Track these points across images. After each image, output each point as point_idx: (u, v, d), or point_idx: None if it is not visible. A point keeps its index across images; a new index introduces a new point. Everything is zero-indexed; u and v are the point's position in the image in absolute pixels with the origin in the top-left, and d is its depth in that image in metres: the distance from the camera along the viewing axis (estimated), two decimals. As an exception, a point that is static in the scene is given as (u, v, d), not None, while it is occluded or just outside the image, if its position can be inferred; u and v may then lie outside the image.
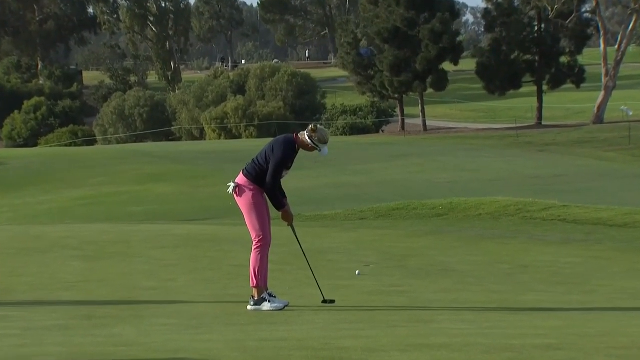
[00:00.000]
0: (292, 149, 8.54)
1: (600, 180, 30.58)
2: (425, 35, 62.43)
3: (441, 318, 8.12)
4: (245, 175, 8.59)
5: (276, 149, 8.49)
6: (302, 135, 8.60)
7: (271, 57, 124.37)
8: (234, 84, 76.95)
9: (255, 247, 8.58)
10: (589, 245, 14.10)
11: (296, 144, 8.58)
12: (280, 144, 8.52)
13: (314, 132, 8.57)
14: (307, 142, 8.56)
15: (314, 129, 8.59)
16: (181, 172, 37.88)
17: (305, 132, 8.62)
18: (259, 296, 8.50)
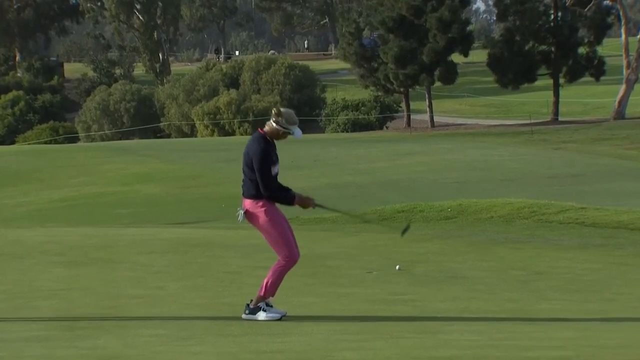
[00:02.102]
0: (265, 143, 8.55)
1: (621, 180, 30.60)
2: (433, 24, 62.45)
3: (450, 329, 8.14)
4: (248, 197, 8.63)
5: (251, 152, 8.52)
6: (268, 124, 8.60)
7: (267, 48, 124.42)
8: (226, 76, 76.98)
9: (281, 263, 8.67)
10: (609, 250, 14.12)
11: (266, 136, 8.58)
12: (252, 144, 8.54)
13: (279, 116, 8.57)
14: (275, 128, 8.54)
15: (277, 112, 8.60)
16: (170, 171, 37.91)
17: (271, 119, 8.62)
18: (255, 304, 8.56)
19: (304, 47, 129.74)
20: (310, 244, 14.40)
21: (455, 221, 18.40)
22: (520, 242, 15.15)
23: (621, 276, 11.54)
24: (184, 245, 13.84)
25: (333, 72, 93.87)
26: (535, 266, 12.31)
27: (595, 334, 7.79)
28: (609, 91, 67.46)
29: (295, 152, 43.96)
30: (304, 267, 12.04)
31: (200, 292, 9.55)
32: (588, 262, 12.70)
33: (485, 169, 35.32)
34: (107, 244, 13.85)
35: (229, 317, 8.65)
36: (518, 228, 17.25)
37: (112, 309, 8.99)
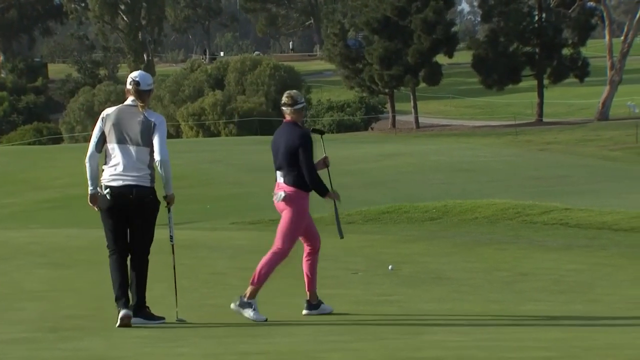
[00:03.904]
0: (304, 130, 8.94)
1: (605, 181, 30.71)
2: (418, 25, 62.54)
3: (435, 329, 8.14)
4: (291, 185, 8.85)
5: (294, 142, 8.79)
6: (290, 113, 8.90)
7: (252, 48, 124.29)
8: (211, 77, 76.88)
9: (274, 252, 8.89)
10: (593, 251, 14.16)
11: (300, 126, 8.93)
12: (291, 134, 8.81)
13: (290, 98, 8.97)
14: (299, 111, 8.93)
15: (291, 95, 8.97)
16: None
17: (287, 108, 8.92)
18: (248, 298, 8.62)
19: (289, 48, 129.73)
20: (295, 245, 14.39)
21: (440, 222, 18.42)
22: (505, 243, 15.18)
23: (606, 277, 11.57)
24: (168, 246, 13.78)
25: (318, 73, 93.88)
26: (520, 267, 12.33)
27: (580, 335, 7.81)
28: (593, 92, 67.69)
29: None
30: (289, 268, 12.03)
31: (185, 294, 9.54)
32: (573, 263, 12.73)
33: (470, 169, 35.39)
34: (91, 246, 13.81)
35: (214, 318, 8.64)
36: (502, 229, 17.28)
37: (96, 310, 8.96)
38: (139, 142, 8.07)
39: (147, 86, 8.19)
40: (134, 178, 8.04)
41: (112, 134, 8.11)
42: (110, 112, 8.24)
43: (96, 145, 8.18)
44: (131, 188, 8.02)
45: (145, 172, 8.08)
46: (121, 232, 8.16)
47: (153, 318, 8.14)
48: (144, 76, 8.25)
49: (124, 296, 8.12)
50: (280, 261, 8.90)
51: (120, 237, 8.18)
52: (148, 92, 8.22)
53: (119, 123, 8.11)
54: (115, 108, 8.28)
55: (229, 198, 29.23)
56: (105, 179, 8.13)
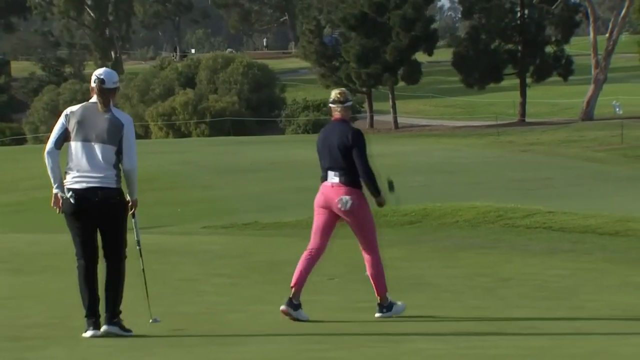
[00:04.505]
0: (360, 130, 9.25)
1: (590, 183, 30.87)
2: (396, 21, 62.66)
3: (414, 338, 8.15)
4: (350, 184, 9.02)
5: (348, 140, 8.96)
6: (340, 110, 9.10)
7: (224, 46, 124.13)
8: (182, 75, 76.70)
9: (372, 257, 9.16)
10: (577, 256, 14.22)
11: (350, 123, 9.19)
12: (344, 133, 8.99)
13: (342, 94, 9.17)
14: (348, 110, 9.17)
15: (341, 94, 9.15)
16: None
17: (338, 105, 9.13)
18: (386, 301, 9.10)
19: (263, 45, 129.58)
20: (270, 250, 14.38)
21: (419, 226, 18.45)
22: (487, 247, 15.22)
23: (590, 283, 11.62)
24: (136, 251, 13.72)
25: (293, 71, 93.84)
26: (502, 272, 12.36)
27: (564, 343, 7.84)
28: (577, 91, 68.03)
29: (254, 155, 43.88)
30: (263, 273, 12.02)
31: (154, 301, 9.50)
32: (556, 268, 12.78)
33: (451, 171, 35.48)
34: (56, 251, 13.73)
35: (185, 326, 8.61)
36: (484, 233, 17.32)
37: (61, 318, 8.91)
38: (104, 140, 7.99)
39: (112, 84, 8.14)
40: (98, 179, 7.97)
41: (77, 131, 8.04)
42: (75, 109, 8.18)
43: (56, 142, 8.09)
44: (96, 190, 7.95)
45: (110, 173, 8.01)
46: (89, 237, 8.08)
47: (126, 330, 8.08)
48: (109, 73, 8.20)
49: (94, 315, 8.01)
50: (381, 265, 9.14)
51: (88, 243, 8.09)
52: (114, 90, 8.17)
53: (84, 120, 8.05)
54: (80, 105, 8.22)
55: (200, 201, 29.16)
56: (68, 181, 8.05)
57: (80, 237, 8.08)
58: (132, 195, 8.18)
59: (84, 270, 8.09)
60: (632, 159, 41.00)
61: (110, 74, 8.21)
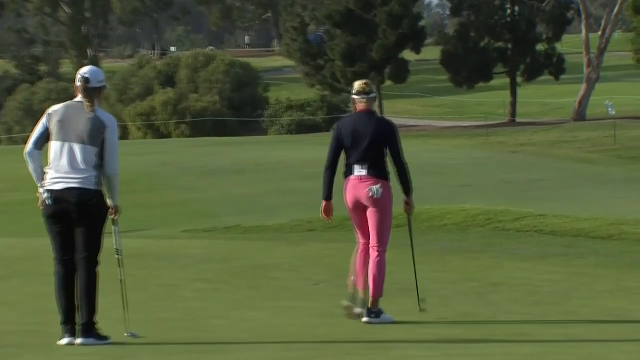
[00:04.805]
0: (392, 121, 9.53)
1: (582, 185, 30.97)
2: (383, 19, 62.75)
3: (402, 345, 8.17)
4: (380, 176, 9.22)
5: (383, 132, 9.17)
6: (366, 103, 9.28)
7: (205, 43, 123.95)
8: (161, 74, 76.60)
9: (379, 255, 9.23)
10: (569, 260, 14.27)
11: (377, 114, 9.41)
12: (379, 125, 9.18)
13: (367, 85, 9.38)
14: (373, 101, 9.40)
15: (366, 84, 9.35)
16: (100, 177, 37.54)
17: (362, 97, 9.30)
18: (377, 307, 9.08)
19: (245, 43, 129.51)
20: (252, 255, 14.38)
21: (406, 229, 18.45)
22: (476, 251, 15.25)
23: (583, 288, 11.67)
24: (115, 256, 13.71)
25: (276, 70, 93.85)
26: (492, 277, 12.40)
27: (555, 350, 7.87)
28: (569, 91, 68.24)
29: (236, 156, 43.85)
30: (245, 279, 12.02)
31: (133, 307, 9.49)
32: (548, 272, 12.82)
33: (439, 173, 35.54)
34: (31, 256, 13.71)
35: (165, 334, 8.61)
36: (473, 237, 17.36)
37: (38, 326, 8.89)
38: (84, 141, 7.98)
39: (97, 83, 8.12)
40: (77, 180, 7.95)
41: (58, 131, 8.02)
42: (57, 108, 8.16)
43: (36, 142, 8.08)
44: (73, 191, 7.94)
45: (90, 174, 7.99)
46: (68, 240, 8.06)
47: (102, 338, 8.06)
48: (94, 72, 8.18)
49: (70, 322, 7.99)
50: (385, 267, 9.27)
51: (67, 247, 8.07)
52: (99, 90, 8.15)
53: (66, 120, 8.03)
54: (63, 104, 8.20)
55: (181, 204, 29.13)
56: (47, 182, 8.04)
57: (59, 241, 8.07)
58: (114, 201, 8.16)
59: (62, 275, 8.07)
60: (625, 160, 41.16)
61: (96, 73, 8.19)
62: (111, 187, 8.07)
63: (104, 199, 8.07)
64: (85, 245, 8.02)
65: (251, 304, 10.17)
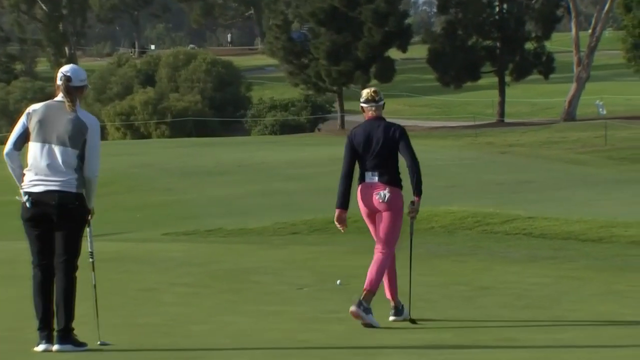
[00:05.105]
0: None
1: (572, 187, 31.04)
2: (368, 16, 62.79)
3: (388, 351, 8.17)
4: (391, 183, 9.42)
5: (395, 135, 9.43)
6: (375, 110, 9.52)
7: (186, 41, 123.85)
8: (141, 73, 76.54)
9: (384, 256, 9.39)
10: (559, 263, 14.31)
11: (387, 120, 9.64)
12: (388, 128, 9.44)
13: (376, 93, 9.63)
14: (382, 108, 9.66)
15: (375, 92, 9.61)
16: (78, 178, 37.45)
17: (371, 105, 9.54)
18: (368, 302, 9.19)
19: (227, 41, 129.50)
20: (233, 258, 14.38)
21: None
22: (464, 254, 15.28)
23: (573, 291, 11.70)
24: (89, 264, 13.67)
25: (259, 69, 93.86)
26: (480, 281, 12.42)
27: (545, 355, 7.88)
28: (559, 90, 68.45)
29: (218, 157, 43.83)
30: (227, 283, 12.01)
31: (112, 312, 9.47)
32: (537, 276, 12.86)
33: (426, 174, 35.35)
34: (8, 259, 13.67)
35: (145, 339, 8.59)
36: (461, 239, 17.39)
37: (14, 331, 8.86)
38: (65, 143, 7.94)
39: (79, 82, 8.08)
40: (57, 183, 7.92)
41: (37, 131, 7.99)
42: (37, 108, 8.12)
43: (15, 142, 8.05)
44: (53, 194, 7.91)
45: (70, 177, 7.96)
46: (47, 244, 8.02)
47: (80, 344, 8.03)
48: (76, 70, 8.14)
49: (47, 328, 7.96)
50: (389, 264, 9.45)
51: (46, 251, 8.02)
52: (81, 89, 8.10)
53: (46, 120, 7.99)
54: (43, 103, 8.15)
55: (161, 206, 29.09)
56: (26, 184, 8.01)
57: (38, 245, 8.03)
58: (89, 204, 8.13)
59: (40, 280, 8.04)
60: (616, 161, 41.29)
61: (77, 71, 8.15)
62: (89, 189, 8.04)
63: (85, 202, 8.04)
64: (64, 249, 7.98)
65: (233, 309, 10.16)
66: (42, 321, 7.97)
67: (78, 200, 7.98)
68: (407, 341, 8.64)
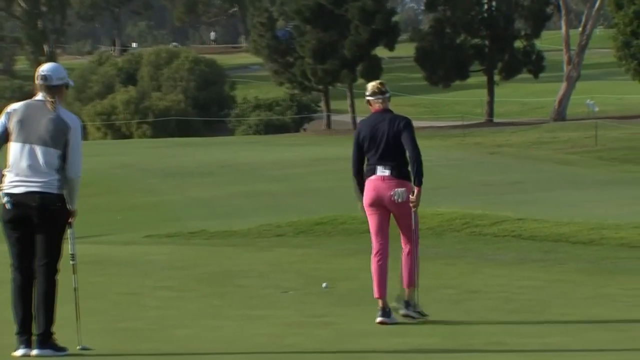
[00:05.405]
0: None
1: (562, 188, 31.12)
2: (355, 14, 62.82)
3: (375, 355, 8.19)
4: (402, 176, 9.64)
5: (401, 127, 9.65)
6: (383, 102, 9.81)
7: (168, 39, 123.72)
8: (122, 72, 76.42)
9: (411, 250, 9.74)
10: (549, 266, 14.35)
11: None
12: (395, 120, 9.68)
13: (383, 85, 9.92)
14: (388, 100, 9.90)
15: (381, 85, 9.89)
16: (58, 179, 37.38)
17: (378, 97, 9.82)
18: (413, 299, 9.63)
19: (211, 39, 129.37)
20: (217, 261, 14.37)
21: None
22: (452, 257, 15.30)
23: (563, 295, 11.73)
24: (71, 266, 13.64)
25: (243, 67, 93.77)
26: (469, 284, 12.45)
27: (535, 359, 7.90)
28: (549, 90, 68.60)
29: (201, 157, 43.79)
30: (211, 286, 12.01)
31: (93, 317, 9.47)
32: (526, 279, 12.89)
33: (413, 175, 35.57)
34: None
35: (126, 344, 8.59)
36: (449, 242, 17.41)
37: (-9, 336, 8.85)
38: (46, 143, 7.92)
39: (57, 80, 8.06)
40: (38, 184, 7.91)
41: (17, 131, 7.97)
42: (17, 107, 8.10)
43: None
44: (34, 195, 7.89)
45: (52, 178, 7.94)
46: (27, 247, 8.00)
47: (60, 349, 8.02)
48: (54, 69, 8.12)
49: (26, 332, 7.94)
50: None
51: (25, 253, 8.00)
52: (59, 87, 8.09)
53: (27, 120, 7.98)
54: (23, 103, 8.14)
55: (143, 207, 29.05)
56: (6, 185, 7.99)
57: (18, 248, 8.01)
58: (72, 205, 8.11)
59: (20, 283, 8.02)
60: (607, 161, 41.40)
61: (56, 70, 8.13)
62: (71, 190, 8.03)
63: (66, 203, 8.03)
64: (45, 251, 7.97)
65: (217, 313, 10.16)
66: (21, 325, 7.96)
67: (60, 202, 7.96)
68: (393, 345, 8.66)
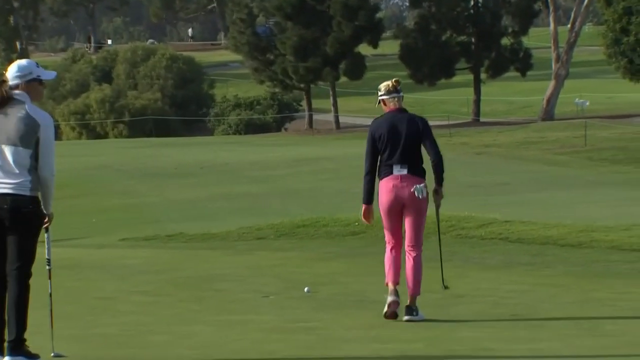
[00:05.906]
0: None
1: (551, 189, 31.21)
2: (338, 10, 62.89)
3: (357, 360, 8.20)
4: (420, 175, 9.90)
5: (418, 126, 9.88)
6: (397, 101, 9.99)
7: (145, 36, 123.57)
8: (97, 69, 76.29)
9: (418, 254, 10.10)
10: (536, 269, 14.39)
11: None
12: (412, 120, 9.90)
13: (398, 83, 10.08)
14: (402, 99, 10.08)
15: (397, 82, 10.07)
16: (30, 180, 37.30)
17: (393, 96, 9.98)
18: (415, 305, 9.91)
19: (188, 36, 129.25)
20: (195, 265, 14.37)
21: (363, 237, 18.54)
22: (438, 260, 15.32)
23: (551, 299, 11.77)
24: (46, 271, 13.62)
25: (223, 65, 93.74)
26: (455, 288, 12.47)
27: (521, 365, 7.93)
28: (537, 88, 68.79)
29: (179, 158, 43.74)
30: (188, 290, 12.02)
31: (68, 322, 9.46)
32: (513, 283, 12.93)
33: (398, 176, 35.62)
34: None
35: (102, 350, 8.58)
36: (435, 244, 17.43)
37: (-39, 343, 8.82)
38: (16, 143, 7.88)
39: (14, 79, 8.05)
40: (9, 185, 7.87)
41: None
42: None
43: None
44: (5, 197, 7.86)
45: (24, 179, 7.90)
46: (0, 251, 7.98)
47: (32, 356, 7.99)
48: (9, 69, 8.13)
49: None
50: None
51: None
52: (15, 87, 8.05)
53: None
54: None
55: (119, 210, 29.00)
56: None
57: None
58: (47, 208, 8.06)
59: None
60: (597, 162, 41.56)
61: (10, 70, 8.12)
62: (45, 190, 7.97)
63: (40, 205, 7.98)
64: (17, 255, 7.93)
65: (194, 318, 10.16)
66: None
67: (32, 204, 7.92)
68: (377, 351, 8.68)
